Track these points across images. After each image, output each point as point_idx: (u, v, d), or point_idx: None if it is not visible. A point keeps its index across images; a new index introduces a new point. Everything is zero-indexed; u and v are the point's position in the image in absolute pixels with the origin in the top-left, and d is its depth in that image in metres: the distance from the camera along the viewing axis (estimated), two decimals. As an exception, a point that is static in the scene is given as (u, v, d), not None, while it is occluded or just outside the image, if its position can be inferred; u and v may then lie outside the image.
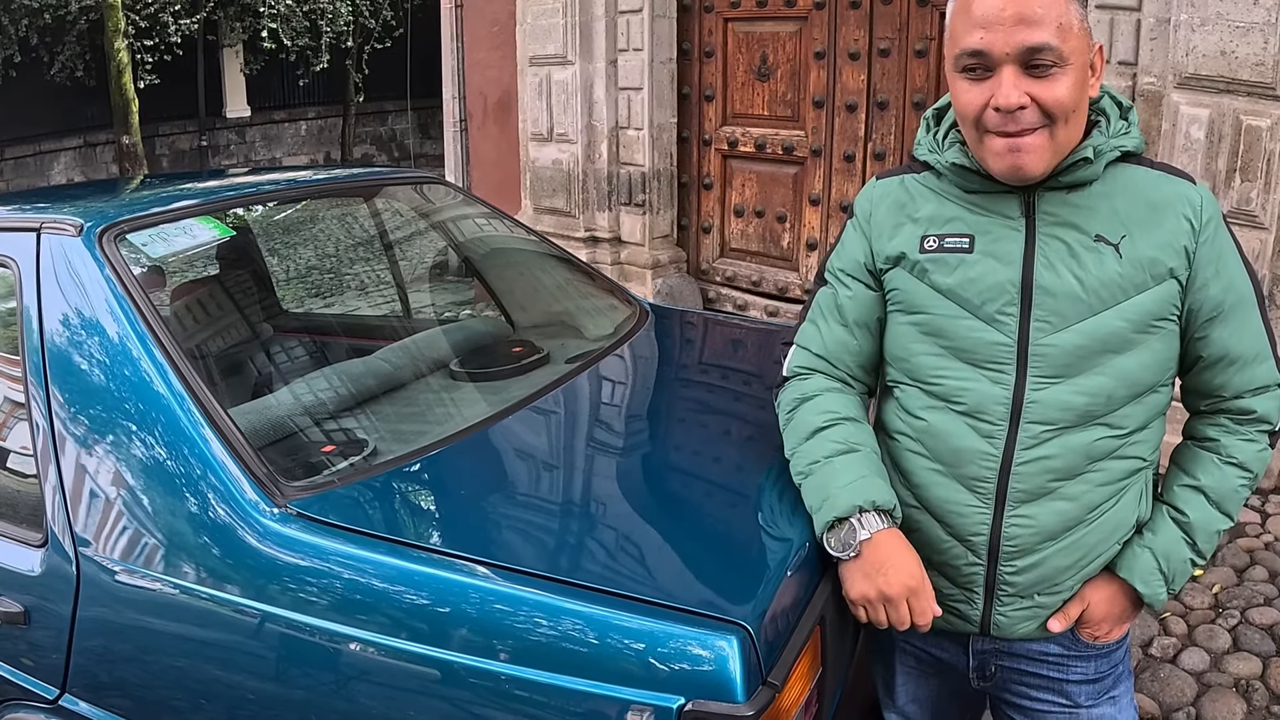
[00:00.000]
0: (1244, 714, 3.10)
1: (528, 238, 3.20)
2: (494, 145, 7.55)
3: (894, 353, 1.71)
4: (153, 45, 13.36)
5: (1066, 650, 1.71)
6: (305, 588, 1.66)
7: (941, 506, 1.65)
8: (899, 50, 5.53)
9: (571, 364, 2.49)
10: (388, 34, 15.74)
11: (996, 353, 1.58)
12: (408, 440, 2.09)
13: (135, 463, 1.85)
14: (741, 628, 1.44)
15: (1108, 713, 1.77)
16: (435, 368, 2.51)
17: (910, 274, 1.66)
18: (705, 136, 6.56)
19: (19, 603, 1.96)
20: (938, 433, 1.63)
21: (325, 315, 3.44)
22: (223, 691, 1.76)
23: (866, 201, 1.76)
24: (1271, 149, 3.99)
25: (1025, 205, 1.59)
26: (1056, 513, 1.60)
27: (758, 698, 1.41)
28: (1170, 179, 1.60)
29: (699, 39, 6.42)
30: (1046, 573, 1.63)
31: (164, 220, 2.21)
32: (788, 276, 6.30)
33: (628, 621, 1.47)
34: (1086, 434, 1.58)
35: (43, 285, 2.01)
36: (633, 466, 2.13)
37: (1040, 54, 1.47)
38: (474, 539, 1.78)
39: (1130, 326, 1.55)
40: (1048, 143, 1.51)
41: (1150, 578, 1.64)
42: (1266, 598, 3.63)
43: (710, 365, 2.94)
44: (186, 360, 1.89)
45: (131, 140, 12.93)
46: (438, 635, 1.56)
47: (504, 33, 7.07)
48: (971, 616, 1.68)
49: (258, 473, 1.77)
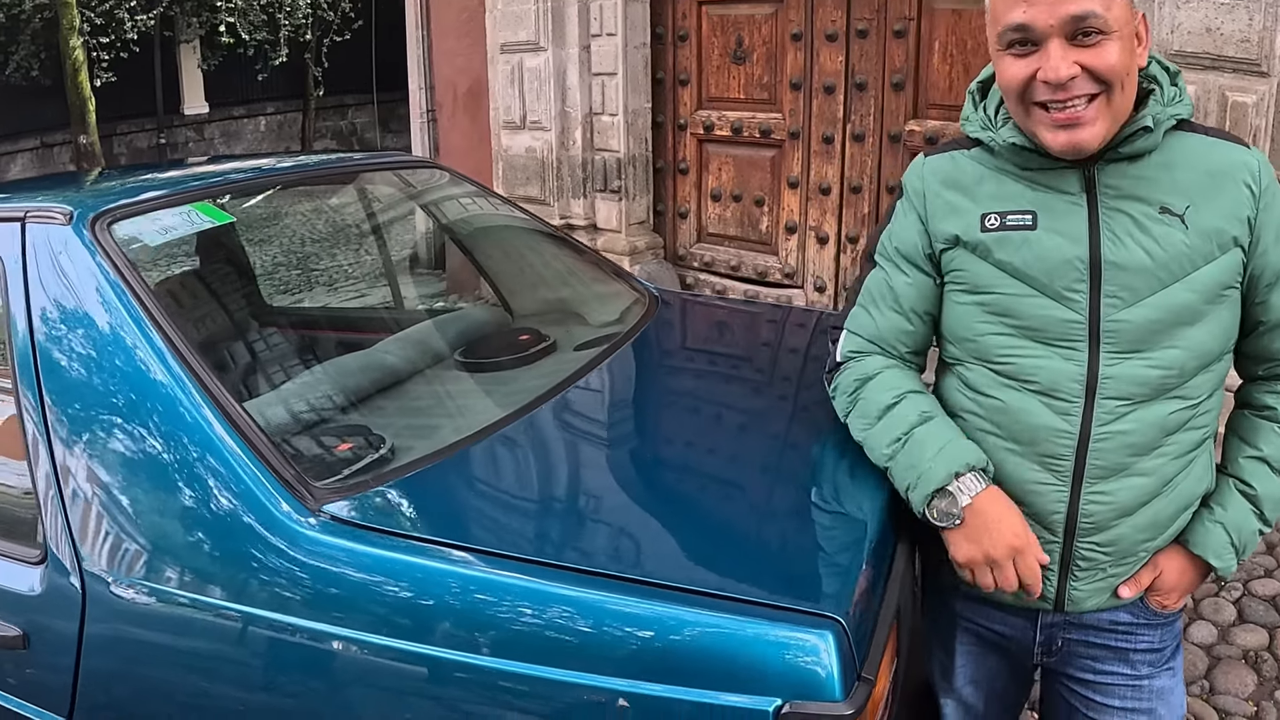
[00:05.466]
0: (1255, 684, 3.14)
1: (536, 223, 3.13)
2: (464, 135, 7.47)
3: (957, 333, 1.70)
4: (109, 42, 13.18)
5: (1134, 619, 1.73)
6: (345, 598, 1.55)
7: (1018, 485, 1.63)
8: (877, 31, 5.50)
9: (582, 352, 2.41)
10: (346, 26, 15.58)
11: (1068, 330, 1.58)
12: (426, 435, 1.97)
13: (145, 467, 1.73)
14: (836, 622, 1.38)
15: (1167, 685, 1.78)
16: (441, 358, 2.41)
17: (973, 254, 1.64)
18: (680, 121, 6.51)
19: (16, 626, 1.82)
20: (1012, 411, 1.62)
21: (325, 307, 3.35)
22: (258, 711, 1.65)
23: (917, 179, 1.74)
24: (1257, 124, 4.01)
25: (1085, 179, 1.58)
26: (1133, 488, 1.60)
27: (856, 695, 1.35)
28: (1227, 145, 1.60)
29: (673, 23, 6.37)
30: (1123, 547, 1.64)
31: (157, 206, 2.07)
32: (767, 260, 6.26)
33: (717, 622, 1.39)
34: (1162, 407, 1.58)
35: (30, 279, 1.87)
36: (686, 459, 2.04)
37: (1086, 22, 1.46)
38: (539, 541, 1.69)
39: (1200, 298, 1.55)
40: (1104, 112, 1.50)
41: (1224, 552, 1.66)
42: (1266, 569, 3.68)
43: (737, 350, 2.86)
44: (198, 356, 1.77)
45: (89, 140, 12.75)
46: (512, 647, 1.46)
47: (473, 20, 6.98)
48: (1047, 594, 1.69)
49: (286, 475, 1.66)
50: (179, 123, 15.58)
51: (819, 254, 6.01)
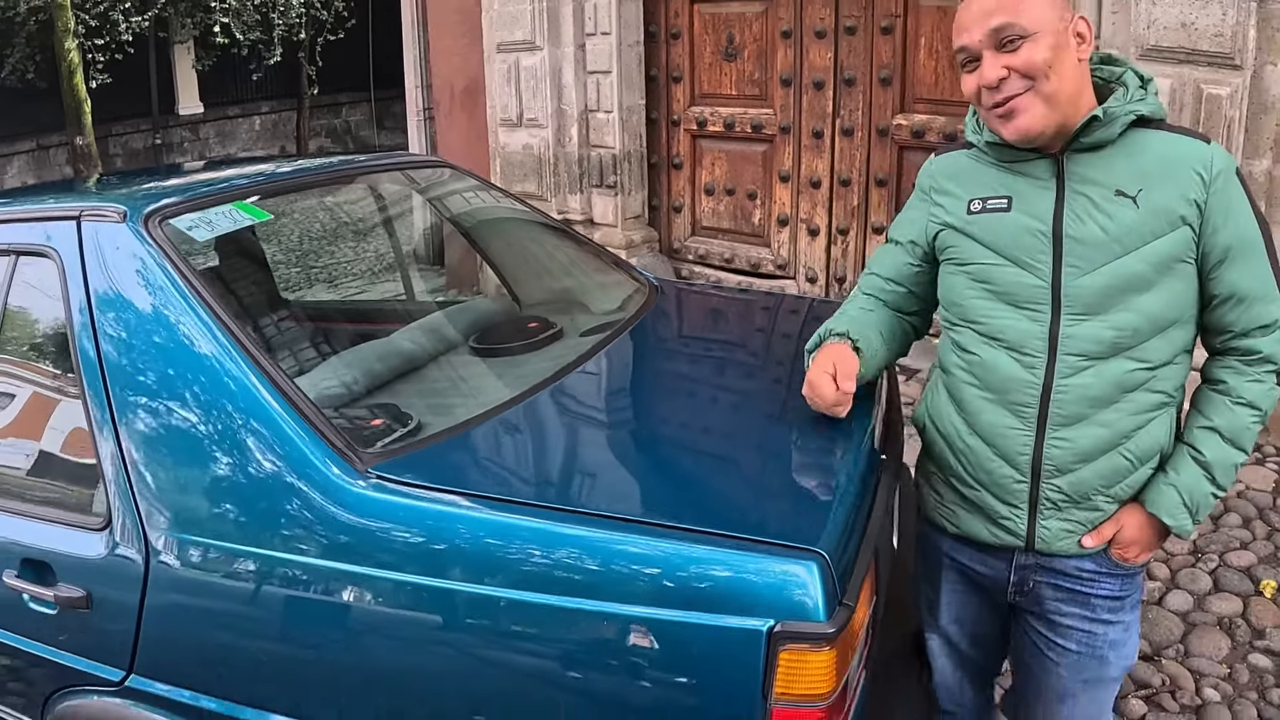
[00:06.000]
0: (1229, 649, 3.28)
1: (539, 216, 3.29)
2: (461, 133, 7.60)
3: (949, 298, 1.98)
4: (104, 44, 13.21)
5: (1098, 568, 1.93)
6: (395, 547, 1.74)
7: (990, 430, 1.89)
8: (865, 28, 5.66)
9: (587, 337, 2.58)
10: (340, 25, 15.65)
11: (1034, 294, 1.83)
12: (447, 412, 2.15)
13: (206, 438, 1.89)
14: (819, 555, 1.58)
15: (1120, 637, 1.99)
16: (456, 345, 2.58)
17: (961, 233, 1.93)
18: (674, 117, 6.66)
19: (79, 587, 2.00)
20: (987, 365, 1.88)
21: (346, 299, 3.49)
22: (312, 655, 1.83)
23: (927, 177, 2.06)
24: (1231, 116, 4.17)
25: (1055, 167, 1.84)
26: (1092, 436, 1.83)
27: (837, 616, 1.55)
28: (1185, 139, 1.83)
29: (665, 21, 6.52)
30: (1083, 490, 1.86)
31: (201, 205, 2.24)
32: (760, 252, 6.42)
33: (721, 557, 1.60)
34: (1118, 365, 1.81)
35: (89, 270, 2.04)
36: (686, 425, 2.28)
37: (1003, 32, 1.77)
38: (565, 492, 1.92)
39: (1150, 269, 1.78)
40: (1036, 100, 1.77)
41: (1176, 511, 1.85)
42: (1243, 541, 3.82)
43: (732, 333, 3.07)
44: (250, 336, 1.94)
45: (85, 141, 12.82)
46: (549, 583, 1.65)
47: (469, 20, 7.11)
48: (1018, 531, 1.92)
49: (338, 443, 1.83)
50: (174, 123, 15.64)
51: (810, 245, 6.17)
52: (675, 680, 1.60)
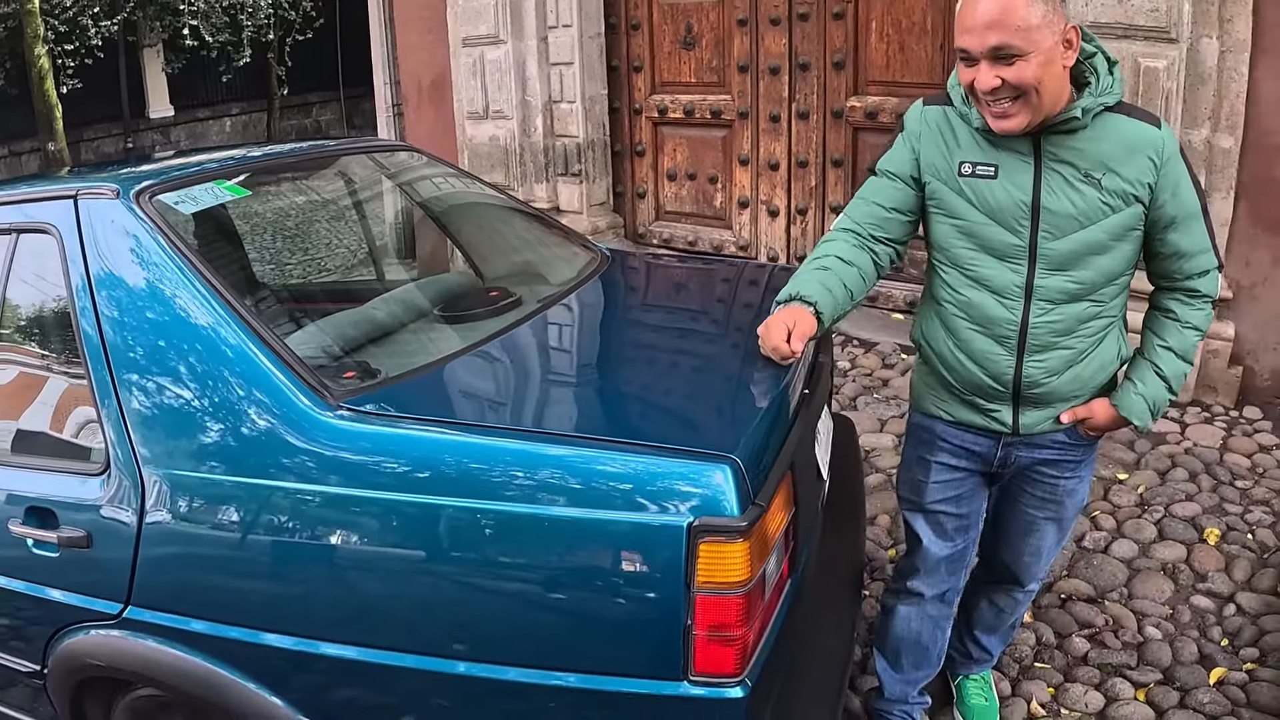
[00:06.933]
0: (1171, 591, 3.44)
1: (503, 198, 3.47)
2: (429, 127, 7.73)
3: (939, 244, 2.33)
4: (73, 49, 13.26)
5: (1069, 439, 2.42)
6: (357, 469, 1.95)
7: (980, 355, 2.31)
8: (818, 14, 5.85)
9: (542, 302, 2.78)
10: (308, 25, 15.72)
11: (1015, 251, 2.22)
12: (409, 362, 2.36)
13: (194, 384, 2.09)
14: (734, 460, 1.80)
15: (1077, 487, 2.52)
16: (425, 313, 2.77)
17: (949, 189, 2.26)
18: (636, 106, 6.84)
19: (80, 528, 2.19)
20: (975, 305, 2.28)
21: (318, 274, 3.63)
22: (291, 572, 2.02)
23: (917, 122, 2.33)
24: (1169, 87, 4.34)
25: (1034, 145, 2.17)
26: (1059, 358, 2.28)
27: (749, 513, 1.77)
28: (1143, 125, 2.18)
29: (625, 12, 6.69)
30: (1056, 394, 2.33)
31: (188, 183, 2.46)
32: (723, 235, 6.60)
33: (648, 464, 1.82)
34: (1078, 306, 2.24)
35: (85, 241, 2.25)
36: (629, 359, 2.60)
37: (1003, 50, 2.02)
38: (516, 415, 2.19)
39: (1108, 237, 2.19)
40: (1024, 108, 2.07)
41: (1142, 414, 2.34)
42: (1188, 494, 3.99)
43: (679, 290, 3.32)
44: (232, 292, 2.14)
45: (58, 146, 12.89)
46: (490, 491, 1.86)
47: (435, 16, 7.24)
48: (1005, 421, 2.38)
49: (312, 382, 2.04)
50: (145, 126, 15.70)
51: (771, 226, 6.35)
52: (609, 576, 1.81)
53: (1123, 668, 3.10)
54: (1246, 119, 4.41)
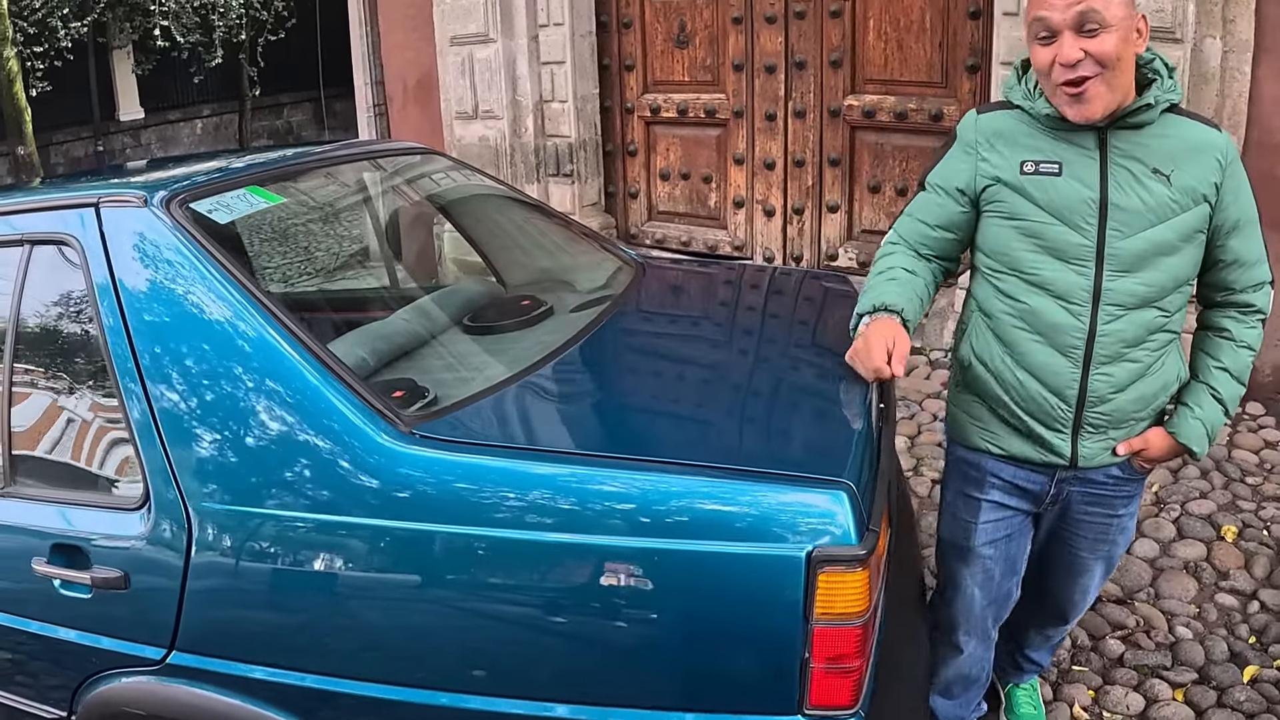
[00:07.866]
0: (1196, 590, 3.48)
1: (525, 197, 3.39)
2: (415, 127, 7.65)
3: (995, 248, 2.23)
4: (42, 52, 13.04)
5: (1122, 474, 2.34)
6: (440, 498, 1.82)
7: (1042, 368, 2.20)
8: (814, 12, 5.81)
9: (579, 313, 2.68)
10: (280, 25, 15.56)
11: (1081, 252, 2.13)
12: (459, 385, 2.22)
13: (247, 412, 1.94)
14: (847, 485, 1.73)
15: (1128, 525, 2.46)
16: (451, 325, 2.66)
17: (1012, 190, 2.17)
18: (628, 105, 6.78)
19: (116, 568, 2.02)
20: (1037, 311, 2.18)
21: (335, 284, 3.56)
22: (364, 612, 1.89)
23: (972, 131, 2.26)
24: (1172, 86, 4.34)
25: (1099, 140, 2.11)
26: (1126, 370, 2.19)
27: (866, 540, 1.71)
28: (1205, 128, 2.15)
29: (616, 11, 6.63)
30: (1119, 416, 2.23)
31: (217, 189, 2.29)
32: (717, 235, 6.56)
33: (761, 492, 1.74)
34: (1146, 313, 2.16)
35: (111, 255, 2.08)
36: (706, 380, 2.45)
37: (1088, 17, 1.98)
38: (601, 440, 2.06)
39: (1177, 236, 2.12)
40: (1104, 87, 2.01)
41: (1200, 440, 2.27)
42: (1202, 491, 4.03)
43: (719, 295, 3.22)
44: (286, 311, 1.99)
45: (27, 150, 12.60)
46: (594, 525, 1.75)
47: (421, 14, 7.16)
48: (1063, 452, 2.27)
49: (381, 407, 1.90)
50: (115, 129, 15.43)
51: (766, 226, 6.32)
52: (720, 611, 1.74)
53: (1159, 668, 3.12)
54: (1249, 118, 4.46)
